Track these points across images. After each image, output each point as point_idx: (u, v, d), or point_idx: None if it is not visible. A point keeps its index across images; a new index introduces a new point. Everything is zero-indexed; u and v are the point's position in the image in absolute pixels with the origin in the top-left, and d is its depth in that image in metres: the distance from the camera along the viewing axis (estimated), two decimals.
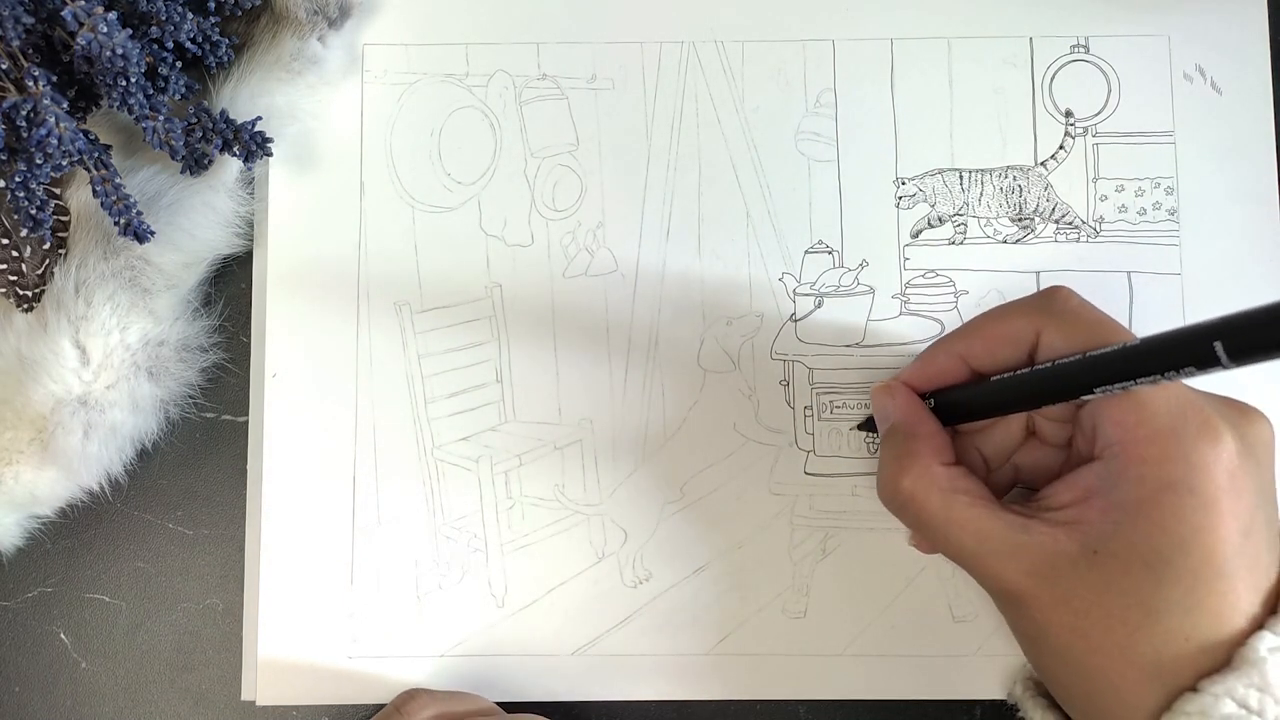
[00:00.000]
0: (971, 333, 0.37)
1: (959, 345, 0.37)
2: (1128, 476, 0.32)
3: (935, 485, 0.35)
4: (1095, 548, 0.32)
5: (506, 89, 0.43)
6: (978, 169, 0.43)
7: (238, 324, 0.42)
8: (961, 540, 0.34)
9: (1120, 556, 0.32)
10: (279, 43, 0.41)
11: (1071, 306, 0.34)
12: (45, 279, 0.39)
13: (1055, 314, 0.34)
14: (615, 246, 0.42)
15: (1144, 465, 0.32)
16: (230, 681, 0.41)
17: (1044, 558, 0.33)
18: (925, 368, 0.38)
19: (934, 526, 0.35)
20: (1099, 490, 0.33)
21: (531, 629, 0.41)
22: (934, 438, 0.36)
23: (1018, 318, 0.35)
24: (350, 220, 0.42)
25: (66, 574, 0.42)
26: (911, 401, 0.37)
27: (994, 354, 0.36)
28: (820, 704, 0.41)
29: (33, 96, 0.35)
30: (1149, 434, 0.32)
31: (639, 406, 0.42)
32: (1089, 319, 0.34)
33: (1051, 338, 0.34)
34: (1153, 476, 0.31)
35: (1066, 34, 0.43)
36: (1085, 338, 0.33)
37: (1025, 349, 0.35)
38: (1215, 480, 0.31)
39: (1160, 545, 0.31)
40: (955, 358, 0.37)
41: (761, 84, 0.43)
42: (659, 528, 0.41)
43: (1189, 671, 0.31)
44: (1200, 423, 0.32)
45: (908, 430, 0.36)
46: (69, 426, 0.38)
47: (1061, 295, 0.35)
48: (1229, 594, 0.31)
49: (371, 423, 0.41)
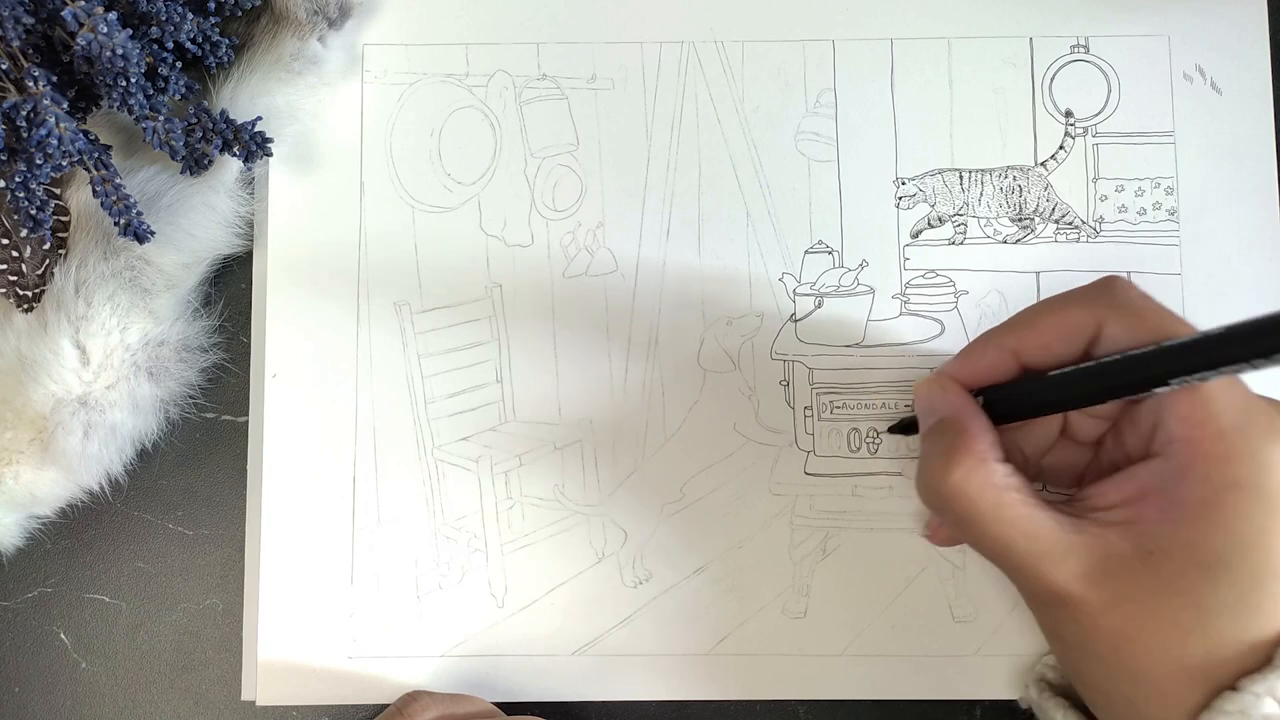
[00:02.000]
0: (1024, 325, 0.35)
1: (1009, 339, 0.35)
2: (1191, 474, 0.31)
3: (988, 481, 0.33)
4: (1150, 548, 0.31)
5: (506, 89, 0.43)
6: (978, 169, 0.43)
7: (238, 324, 0.42)
8: (1010, 540, 0.32)
9: (1176, 557, 0.31)
10: (279, 43, 0.41)
11: (1134, 296, 0.33)
12: (45, 279, 0.39)
13: (1118, 305, 0.33)
14: (615, 246, 0.42)
15: (1209, 462, 0.31)
16: (230, 681, 0.41)
17: (1096, 560, 0.31)
18: (973, 363, 0.36)
19: (983, 524, 0.33)
20: (1156, 488, 0.32)
21: (531, 629, 0.41)
22: (987, 433, 0.34)
23: (1076, 309, 0.34)
24: (350, 220, 0.42)
25: (66, 574, 0.42)
26: (963, 395, 0.35)
27: (1049, 348, 0.34)
28: (820, 704, 0.40)
29: (33, 96, 0.35)
30: (1215, 431, 0.31)
31: (639, 406, 0.42)
32: (1154, 310, 0.33)
33: (1114, 329, 0.32)
34: (1217, 474, 0.30)
35: (1066, 34, 0.43)
36: (1152, 329, 0.32)
37: (1083, 342, 0.33)
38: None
39: (1220, 546, 0.30)
40: (1006, 352, 0.35)
41: (761, 84, 0.43)
42: (659, 528, 0.41)
43: (1233, 670, 0.30)
44: (1267, 422, 0.31)
45: (958, 425, 0.34)
46: (69, 426, 0.38)
47: (1121, 285, 0.33)
48: None
49: (371, 423, 0.42)
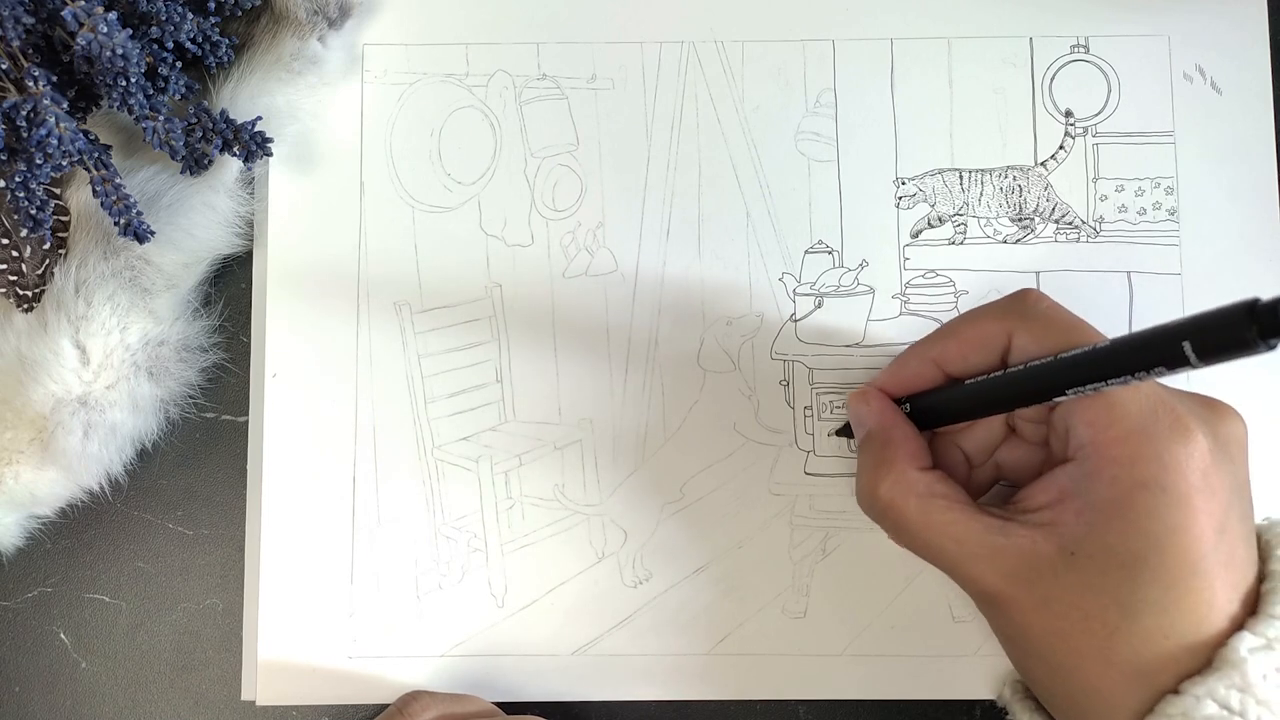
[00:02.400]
0: (944, 337, 0.36)
1: (932, 350, 0.36)
2: (1101, 477, 0.32)
3: (912, 491, 0.34)
4: (1072, 549, 0.32)
5: (506, 89, 0.43)
6: (978, 169, 0.43)
7: (238, 324, 0.42)
8: (940, 544, 0.34)
9: (1096, 557, 0.32)
10: (279, 43, 0.41)
11: (1042, 309, 0.34)
12: (45, 279, 0.39)
13: (1026, 316, 0.34)
14: (615, 246, 0.42)
15: (1116, 465, 0.32)
16: (230, 681, 0.41)
17: (1022, 560, 0.33)
18: (899, 372, 0.37)
19: (912, 532, 0.35)
20: (1073, 491, 0.33)
21: (531, 629, 0.41)
22: (909, 442, 0.36)
23: (989, 321, 0.35)
24: (350, 220, 0.42)
25: (66, 574, 0.42)
26: (886, 407, 0.37)
27: (966, 358, 0.35)
28: (820, 704, 0.40)
29: (33, 96, 0.35)
30: (1120, 434, 0.32)
31: (639, 406, 0.42)
32: (1060, 321, 0.34)
33: (1023, 340, 0.34)
34: (1125, 476, 0.31)
35: (1066, 34, 0.43)
36: (1056, 340, 0.33)
37: (997, 352, 0.35)
38: (1188, 478, 0.31)
39: (1135, 545, 0.31)
40: (928, 362, 0.37)
41: (761, 84, 0.43)
42: (659, 528, 0.41)
43: (1170, 672, 0.31)
44: (1171, 421, 0.32)
45: (883, 437, 0.36)
46: (69, 426, 0.38)
47: (1032, 298, 0.35)
48: (1206, 592, 0.31)
49: (371, 423, 0.41)
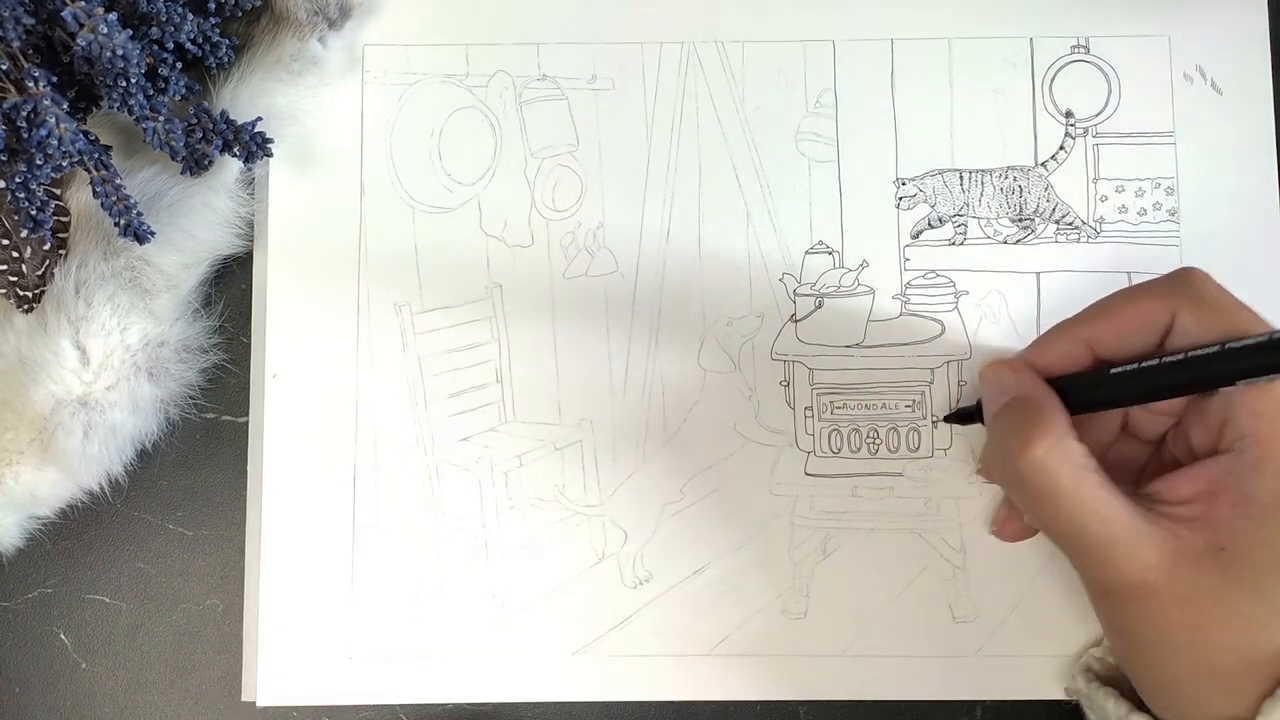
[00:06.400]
0: (1098, 316, 0.35)
1: (1084, 330, 0.35)
2: (1264, 470, 0.31)
3: (1068, 459, 0.32)
4: (1224, 544, 0.31)
5: (506, 89, 0.43)
6: (978, 169, 0.42)
7: (238, 324, 0.42)
8: (1084, 522, 0.32)
9: (1251, 554, 0.30)
10: (279, 43, 0.41)
11: (1210, 290, 0.33)
12: (45, 279, 0.39)
13: (1192, 298, 0.33)
14: (615, 247, 0.42)
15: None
16: (230, 681, 0.41)
17: (1169, 553, 0.31)
18: (1046, 352, 0.35)
19: (1059, 502, 0.32)
20: (1228, 484, 0.31)
21: (531, 629, 0.41)
22: (1065, 414, 0.33)
23: (1152, 299, 0.33)
24: (350, 221, 0.42)
25: (66, 574, 0.42)
26: (1036, 378, 0.35)
27: (1123, 340, 0.34)
28: (820, 704, 0.40)
29: (33, 97, 0.35)
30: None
31: (639, 406, 0.42)
32: (1226, 304, 0.32)
33: (1187, 322, 0.32)
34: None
35: (1066, 34, 0.43)
36: (1223, 324, 0.32)
37: (1157, 334, 0.33)
38: None
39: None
40: (1080, 342, 0.35)
41: (761, 84, 0.43)
42: (659, 528, 0.41)
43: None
44: None
45: (1035, 403, 0.34)
46: (69, 427, 0.38)
47: (1198, 277, 0.33)
48: None
49: (371, 423, 0.41)
